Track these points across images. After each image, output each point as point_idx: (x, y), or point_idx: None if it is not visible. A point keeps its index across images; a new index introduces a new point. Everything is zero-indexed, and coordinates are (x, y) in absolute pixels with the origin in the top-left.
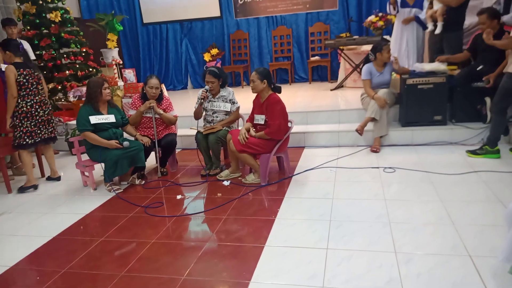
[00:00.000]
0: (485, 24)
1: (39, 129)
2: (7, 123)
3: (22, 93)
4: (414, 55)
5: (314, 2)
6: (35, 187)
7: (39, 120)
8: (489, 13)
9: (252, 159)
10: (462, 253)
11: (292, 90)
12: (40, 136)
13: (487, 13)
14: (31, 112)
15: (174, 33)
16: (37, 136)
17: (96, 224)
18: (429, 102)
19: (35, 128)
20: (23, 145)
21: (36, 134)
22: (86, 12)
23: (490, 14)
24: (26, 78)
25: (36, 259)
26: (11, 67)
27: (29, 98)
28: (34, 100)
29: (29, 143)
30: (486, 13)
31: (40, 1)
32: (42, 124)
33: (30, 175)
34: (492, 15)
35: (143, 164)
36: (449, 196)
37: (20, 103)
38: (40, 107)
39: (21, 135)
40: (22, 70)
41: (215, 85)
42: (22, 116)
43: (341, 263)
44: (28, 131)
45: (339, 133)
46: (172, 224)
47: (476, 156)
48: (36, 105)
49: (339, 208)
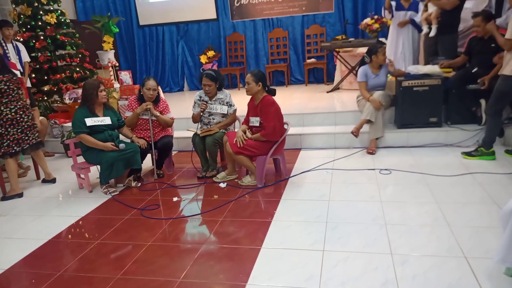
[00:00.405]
0: (480, 27)
1: (26, 135)
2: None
3: (5, 100)
4: (409, 58)
5: (310, 4)
6: (19, 195)
7: (25, 126)
8: (483, 16)
9: (249, 161)
10: (458, 255)
11: (288, 92)
12: (27, 142)
13: (482, 16)
14: (16, 118)
15: (170, 35)
16: (24, 142)
17: (92, 227)
18: (425, 104)
19: (22, 135)
20: (11, 153)
21: (23, 140)
22: (82, 14)
23: (485, 16)
24: (7, 84)
25: (32, 261)
26: None
27: (12, 105)
28: (18, 105)
29: (17, 151)
30: (481, 15)
31: (35, 3)
32: (28, 130)
33: (14, 184)
34: (486, 17)
35: (139, 166)
36: (444, 197)
37: (4, 110)
38: (24, 112)
39: (9, 143)
40: (1, 76)
41: (212, 88)
42: (7, 124)
43: (337, 265)
44: (15, 139)
45: (335, 135)
46: (169, 226)
47: (472, 157)
48: (20, 111)
49: (335, 210)
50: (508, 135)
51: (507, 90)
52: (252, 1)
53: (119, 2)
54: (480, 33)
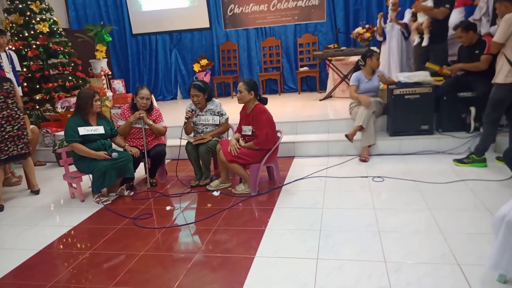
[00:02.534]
0: (463, 37)
1: (6, 145)
2: None
3: None
4: (398, 66)
5: (303, 14)
6: (1, 209)
7: (5, 136)
8: (462, 26)
9: (242, 169)
10: (451, 262)
11: (281, 100)
12: (7, 153)
13: (461, 27)
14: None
15: (163, 44)
16: (3, 153)
17: (84, 237)
18: (416, 112)
19: (2, 145)
20: None
21: (1, 150)
22: (75, 23)
23: (464, 27)
24: None
25: (23, 272)
26: None
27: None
28: (0, 115)
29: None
30: (460, 27)
31: (28, 12)
32: (10, 140)
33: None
34: (465, 27)
35: (132, 175)
36: (437, 204)
37: None
38: (8, 122)
39: None
40: None
41: (201, 99)
42: None
43: (332, 273)
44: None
45: (328, 143)
46: (162, 235)
47: (463, 165)
48: (2, 120)
49: (329, 217)
50: (500, 142)
51: (502, 98)
52: (245, 10)
53: (112, 11)
54: (465, 42)
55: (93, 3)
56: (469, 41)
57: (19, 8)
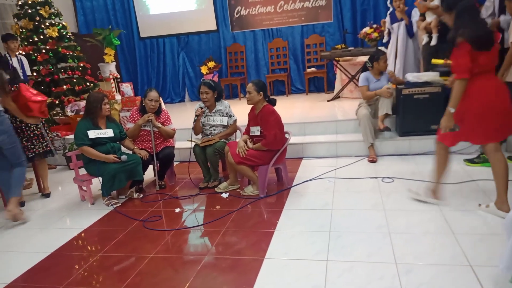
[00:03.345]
0: None
1: (32, 143)
2: None
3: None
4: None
5: (309, 14)
6: (21, 205)
7: (31, 135)
8: None
9: (250, 171)
10: (463, 263)
11: (289, 101)
12: (34, 151)
13: None
14: (21, 127)
15: (171, 47)
16: (29, 151)
17: (95, 239)
18: (425, 112)
19: (28, 143)
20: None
21: (28, 149)
22: (83, 27)
23: None
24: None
25: (34, 275)
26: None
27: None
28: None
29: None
30: None
31: (37, 17)
32: (35, 138)
33: None
34: None
35: (141, 177)
36: (448, 205)
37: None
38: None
39: None
40: (14, 86)
41: (210, 97)
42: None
43: (342, 275)
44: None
45: (336, 144)
46: (171, 237)
47: (474, 165)
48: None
49: (338, 219)
50: (511, 142)
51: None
52: (252, 12)
53: (120, 15)
54: None
55: (101, 7)
56: None
57: (29, 13)
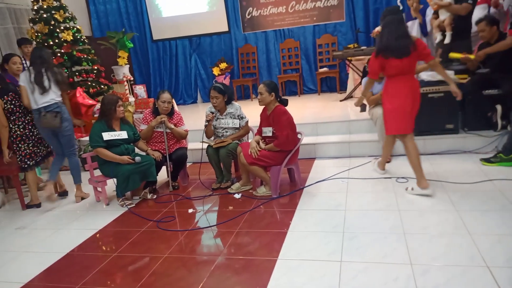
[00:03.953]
0: (485, 31)
1: (38, 148)
2: (5, 154)
3: (12, 117)
4: None
5: (321, 14)
6: (37, 206)
7: (35, 140)
8: (487, 20)
9: (263, 172)
10: (480, 264)
11: (301, 101)
12: (40, 154)
13: (486, 21)
14: (25, 133)
15: (183, 49)
16: (37, 156)
17: (109, 239)
18: (440, 111)
19: (34, 149)
20: (25, 168)
21: (36, 154)
22: (97, 31)
23: (489, 21)
24: (13, 103)
25: (51, 275)
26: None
27: (20, 121)
28: (26, 121)
29: (30, 165)
30: (485, 20)
31: (52, 21)
32: (40, 142)
33: (33, 195)
34: (490, 22)
35: (154, 178)
36: (464, 205)
37: (12, 128)
38: (33, 125)
39: (21, 158)
40: (6, 97)
41: (220, 101)
42: (17, 140)
43: (356, 276)
44: (27, 154)
45: (349, 144)
46: (184, 238)
47: (491, 164)
48: (28, 125)
49: (352, 219)
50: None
51: None
52: (263, 12)
53: (133, 18)
54: (485, 38)
55: (115, 11)
56: (491, 36)
57: (44, 17)
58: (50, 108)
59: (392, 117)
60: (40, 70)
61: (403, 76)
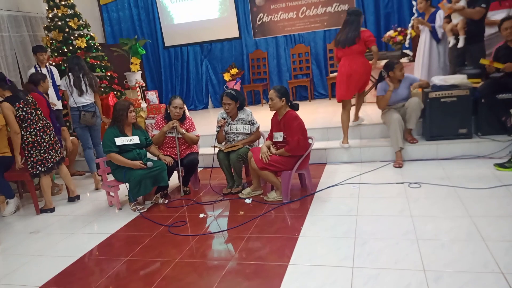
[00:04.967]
0: (507, 30)
1: (49, 154)
2: (17, 161)
3: (24, 124)
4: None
5: (332, 19)
6: (51, 210)
7: (46, 146)
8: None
9: (274, 177)
10: (494, 270)
11: (312, 106)
12: (51, 161)
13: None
14: (37, 140)
15: (194, 55)
16: (48, 162)
17: (121, 244)
18: (453, 115)
19: (45, 155)
20: (37, 174)
21: (47, 160)
22: (110, 38)
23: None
24: (24, 110)
25: (64, 279)
26: (6, 104)
27: (31, 128)
28: (37, 128)
29: (42, 171)
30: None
31: (66, 29)
32: (51, 149)
33: (47, 200)
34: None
35: (166, 183)
36: (478, 211)
37: (24, 134)
38: (45, 132)
39: (33, 165)
40: (18, 104)
41: (232, 107)
42: (29, 147)
43: (368, 282)
44: (38, 160)
45: (361, 149)
46: (196, 243)
47: (505, 169)
48: (40, 132)
49: (363, 225)
50: None
51: None
52: (274, 18)
53: (145, 25)
54: (510, 36)
55: (127, 18)
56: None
57: (59, 25)
58: (87, 108)
59: (339, 86)
60: (78, 75)
61: (349, 56)
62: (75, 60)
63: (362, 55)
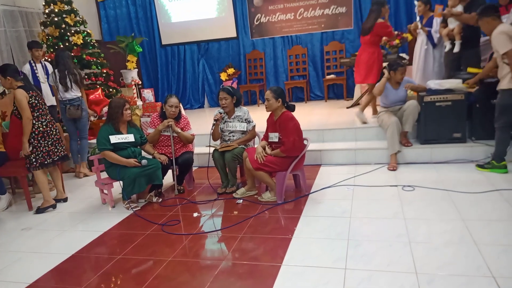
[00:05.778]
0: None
1: (56, 147)
2: (25, 147)
3: (36, 113)
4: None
5: (329, 21)
6: (53, 207)
7: (54, 139)
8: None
9: (268, 177)
10: (486, 274)
11: (308, 108)
12: (57, 154)
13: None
14: (47, 131)
15: (191, 54)
16: (55, 154)
17: (114, 242)
18: (448, 120)
19: (53, 147)
20: (45, 164)
21: (53, 153)
22: (107, 35)
23: None
24: (37, 99)
25: (56, 276)
26: (21, 90)
27: (43, 118)
28: (47, 119)
29: (49, 163)
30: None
31: (63, 25)
32: (57, 142)
33: (46, 195)
34: None
35: (160, 182)
36: (470, 215)
37: (36, 123)
38: (53, 126)
39: (42, 154)
40: (31, 92)
41: (229, 102)
42: (39, 136)
43: (361, 284)
44: (46, 151)
45: (355, 151)
46: (189, 242)
47: (483, 169)
48: (50, 124)
49: (357, 227)
50: None
51: (508, 103)
52: (272, 19)
53: (143, 23)
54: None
55: (125, 15)
56: None
57: (55, 21)
58: (73, 102)
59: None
60: (64, 73)
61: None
62: (60, 56)
63: (372, 45)
